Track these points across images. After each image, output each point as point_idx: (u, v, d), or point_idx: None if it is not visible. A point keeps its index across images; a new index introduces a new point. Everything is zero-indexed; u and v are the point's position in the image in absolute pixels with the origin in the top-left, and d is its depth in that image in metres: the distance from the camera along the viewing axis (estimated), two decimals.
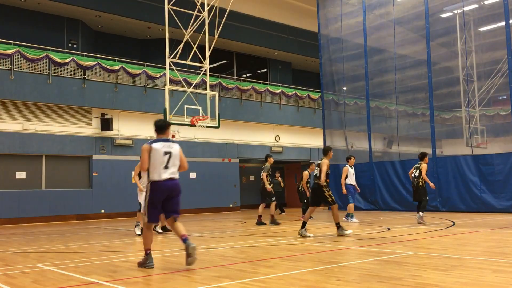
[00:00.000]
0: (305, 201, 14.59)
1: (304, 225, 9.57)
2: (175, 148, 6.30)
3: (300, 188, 15.28)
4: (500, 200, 16.00)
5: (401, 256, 6.73)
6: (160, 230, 11.16)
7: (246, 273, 5.69)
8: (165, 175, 6.14)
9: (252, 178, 25.41)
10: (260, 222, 13.02)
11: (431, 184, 11.76)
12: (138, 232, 10.77)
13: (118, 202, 18.99)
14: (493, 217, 14.14)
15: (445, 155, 18.96)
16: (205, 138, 21.71)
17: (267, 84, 25.12)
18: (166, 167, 6.14)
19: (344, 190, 13.31)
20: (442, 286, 4.66)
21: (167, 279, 5.56)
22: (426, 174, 11.86)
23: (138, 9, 21.58)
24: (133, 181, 11.82)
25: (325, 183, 9.59)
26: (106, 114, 19.10)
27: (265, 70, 28.65)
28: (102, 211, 18.75)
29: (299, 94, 25.42)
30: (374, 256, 6.87)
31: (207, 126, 16.48)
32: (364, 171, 19.63)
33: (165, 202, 6.20)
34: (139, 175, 10.77)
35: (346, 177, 13.42)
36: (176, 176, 6.29)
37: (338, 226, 9.60)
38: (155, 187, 6.14)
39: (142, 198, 10.23)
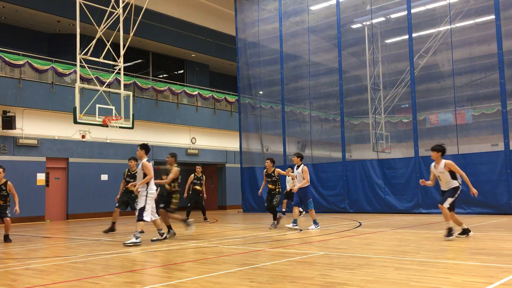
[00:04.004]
0: (189, 204, 14.88)
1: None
2: None
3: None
4: (402, 202, 17.16)
5: (311, 256, 6.96)
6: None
7: (159, 278, 5.56)
8: None
9: None
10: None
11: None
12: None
13: (20, 206, 17.66)
14: (395, 217, 15.12)
15: (353, 159, 19.96)
16: (118, 139, 20.96)
17: (184, 85, 24.84)
18: None
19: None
20: (349, 284, 4.88)
21: (73, 286, 5.27)
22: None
23: (47, 1, 20.34)
24: None
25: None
26: (9, 112, 17.76)
27: (182, 71, 28.33)
28: None
29: (216, 97, 25.44)
30: (287, 257, 7.03)
31: (120, 127, 15.98)
32: None
33: None
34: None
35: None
36: None
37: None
38: None
39: None
